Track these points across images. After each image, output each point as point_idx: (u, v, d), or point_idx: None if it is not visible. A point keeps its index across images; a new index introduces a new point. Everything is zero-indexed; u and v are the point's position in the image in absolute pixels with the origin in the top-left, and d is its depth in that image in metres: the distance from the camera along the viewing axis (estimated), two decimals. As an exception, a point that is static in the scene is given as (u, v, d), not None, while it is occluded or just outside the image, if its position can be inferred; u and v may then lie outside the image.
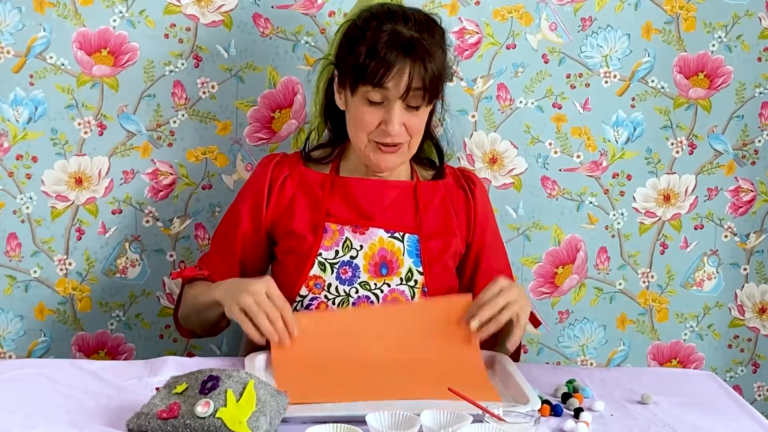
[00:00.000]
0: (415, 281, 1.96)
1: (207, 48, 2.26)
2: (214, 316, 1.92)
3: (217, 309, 1.87)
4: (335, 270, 1.95)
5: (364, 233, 1.97)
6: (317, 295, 1.93)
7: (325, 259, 1.95)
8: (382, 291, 1.95)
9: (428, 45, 1.86)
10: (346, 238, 1.96)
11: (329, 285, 1.94)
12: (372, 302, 1.94)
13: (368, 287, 1.95)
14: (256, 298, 1.76)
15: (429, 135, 2.06)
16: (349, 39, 1.91)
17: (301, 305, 1.93)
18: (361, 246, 1.96)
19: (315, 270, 1.94)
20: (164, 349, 2.35)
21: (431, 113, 2.01)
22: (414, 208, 2.00)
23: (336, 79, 1.97)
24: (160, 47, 2.24)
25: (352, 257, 1.95)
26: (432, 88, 1.87)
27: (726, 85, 2.42)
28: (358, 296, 1.94)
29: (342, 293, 1.94)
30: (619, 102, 2.40)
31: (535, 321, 2.04)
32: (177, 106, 2.27)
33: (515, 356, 1.97)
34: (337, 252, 1.96)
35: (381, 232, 1.97)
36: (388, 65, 1.83)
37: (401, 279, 1.95)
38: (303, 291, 1.93)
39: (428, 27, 1.90)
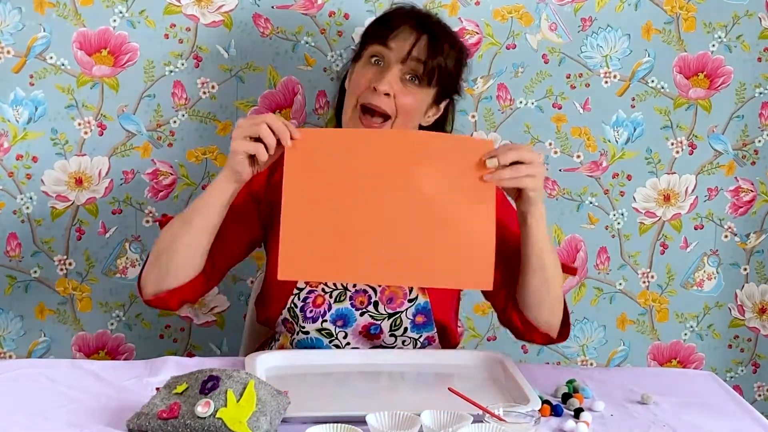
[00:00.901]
0: None
1: (207, 48, 2.26)
2: (208, 211, 1.79)
3: (215, 197, 1.78)
4: None
5: None
6: (314, 288, 1.92)
7: None
8: (380, 284, 1.94)
9: (443, 35, 1.92)
10: None
11: None
12: (370, 296, 1.93)
13: None
14: (243, 123, 1.71)
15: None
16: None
17: (298, 298, 1.93)
18: None
19: None
20: (164, 349, 2.35)
21: (437, 127, 2.01)
22: None
23: (349, 69, 2.00)
24: (160, 47, 2.24)
25: None
26: (432, 68, 1.89)
27: (726, 85, 2.42)
28: (356, 289, 1.93)
29: (339, 287, 1.93)
30: (619, 102, 2.40)
31: (570, 270, 2.02)
32: (177, 106, 2.27)
33: (569, 270, 1.99)
34: None
35: None
36: (395, 26, 1.89)
37: None
38: (300, 284, 1.92)
39: (449, 31, 1.97)
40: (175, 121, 2.28)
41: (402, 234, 1.72)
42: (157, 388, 1.56)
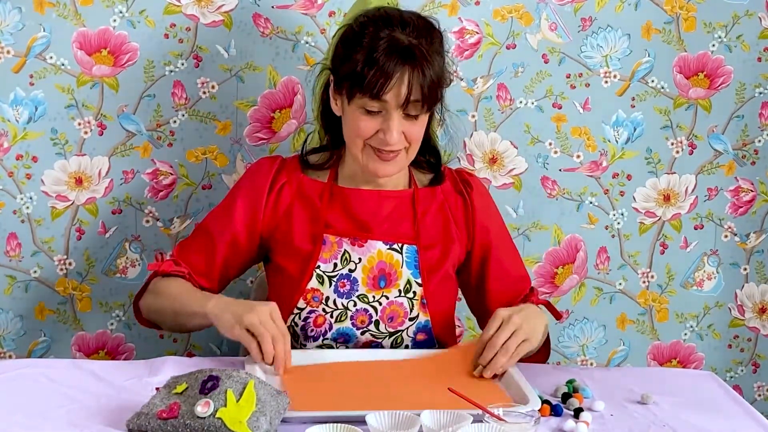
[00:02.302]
0: (414, 293, 1.93)
1: (207, 48, 2.26)
2: (192, 324, 1.90)
3: (199, 320, 1.84)
4: (333, 283, 1.91)
5: (363, 246, 1.93)
6: (315, 308, 1.91)
7: (324, 272, 1.91)
8: (380, 303, 1.93)
9: (427, 51, 1.81)
10: (345, 250, 1.92)
11: (327, 298, 1.91)
12: (371, 315, 1.92)
13: (366, 300, 1.92)
14: (262, 317, 1.73)
15: (428, 139, 2.04)
16: (346, 45, 1.86)
17: (299, 317, 1.91)
18: (360, 259, 1.92)
19: (313, 283, 1.91)
20: (164, 349, 2.35)
21: (430, 118, 1.99)
22: (412, 217, 1.97)
23: (332, 84, 1.92)
24: (160, 47, 2.24)
25: (350, 270, 1.92)
26: (431, 97, 1.82)
27: (726, 85, 2.42)
28: (356, 309, 1.92)
29: (340, 306, 1.91)
30: (619, 102, 2.40)
31: (555, 313, 2.03)
32: (177, 106, 2.27)
33: (543, 356, 2.00)
34: (335, 265, 1.92)
35: (380, 245, 1.93)
36: (387, 75, 1.78)
37: (399, 291, 1.93)
38: (300, 304, 1.91)
39: (426, 32, 1.85)
40: (175, 121, 2.28)
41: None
42: (157, 388, 1.56)
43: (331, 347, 1.92)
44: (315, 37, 2.28)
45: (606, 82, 2.39)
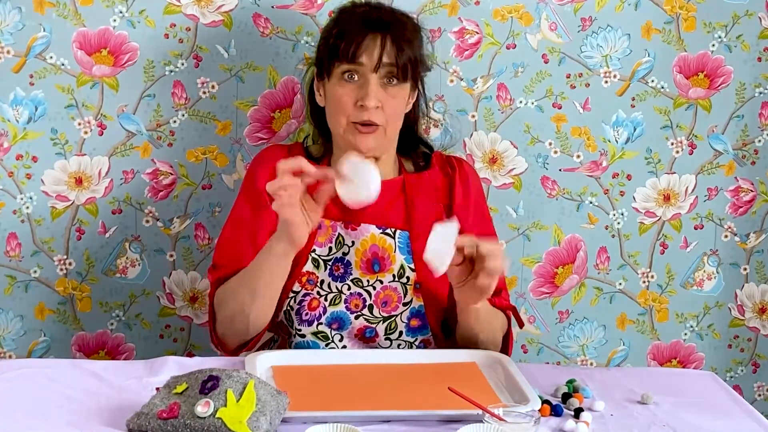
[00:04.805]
0: (408, 278, 1.96)
1: (207, 48, 2.26)
2: (268, 283, 1.84)
3: (274, 262, 1.82)
4: (328, 267, 1.95)
5: (356, 229, 1.97)
6: (310, 291, 1.94)
7: (319, 256, 1.95)
8: (374, 288, 1.95)
9: (398, 23, 1.94)
10: (339, 234, 1.96)
11: (322, 282, 1.94)
12: (364, 299, 1.94)
13: (360, 284, 1.95)
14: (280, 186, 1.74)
15: (413, 126, 2.06)
16: (324, 31, 2.01)
17: (294, 301, 1.94)
18: (353, 242, 1.96)
19: (308, 266, 1.94)
20: (164, 349, 2.35)
21: (414, 109, 2.03)
22: (403, 204, 2.00)
23: (315, 78, 2.01)
24: (160, 47, 2.24)
25: (344, 253, 1.96)
26: (404, 65, 1.91)
27: (726, 85, 2.42)
28: (350, 293, 1.94)
29: (334, 290, 1.94)
30: (619, 102, 2.40)
31: (519, 321, 2.04)
32: (177, 106, 2.27)
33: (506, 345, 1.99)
34: (330, 249, 1.96)
35: (372, 228, 1.97)
36: (359, 40, 1.89)
37: (393, 276, 1.96)
38: (296, 287, 1.93)
39: (401, 14, 1.99)
40: (175, 121, 2.28)
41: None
42: (157, 388, 1.56)
43: (325, 335, 1.93)
44: (315, 37, 2.28)
45: (606, 82, 2.39)
